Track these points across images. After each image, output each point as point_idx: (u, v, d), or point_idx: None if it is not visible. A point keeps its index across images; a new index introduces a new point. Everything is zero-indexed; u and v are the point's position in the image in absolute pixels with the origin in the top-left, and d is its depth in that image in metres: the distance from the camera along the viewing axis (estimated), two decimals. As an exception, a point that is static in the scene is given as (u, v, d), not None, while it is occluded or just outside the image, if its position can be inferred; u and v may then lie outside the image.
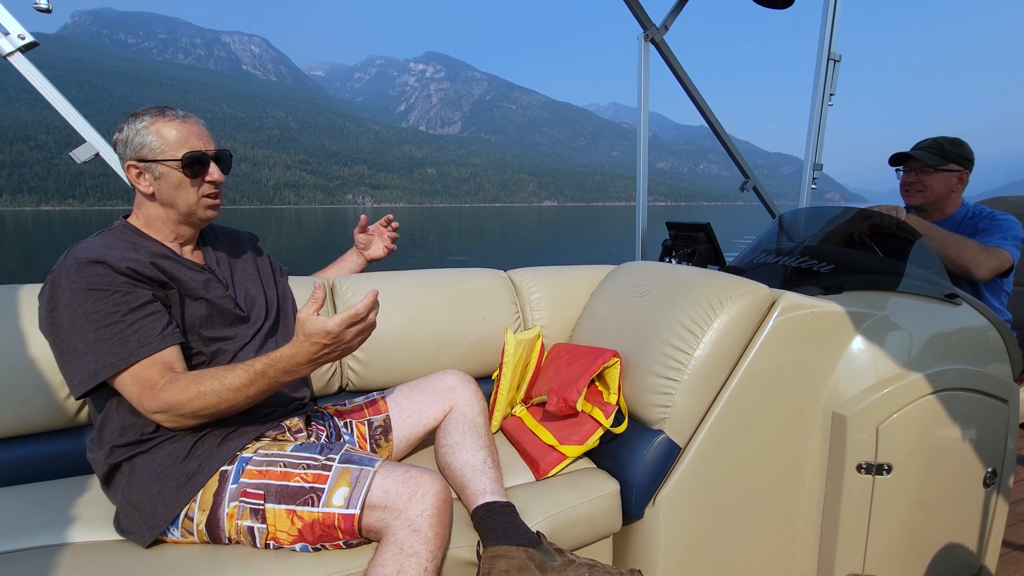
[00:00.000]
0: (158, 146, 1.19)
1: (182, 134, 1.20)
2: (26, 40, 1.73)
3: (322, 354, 1.03)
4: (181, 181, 1.21)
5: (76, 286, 1.07)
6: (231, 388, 1.05)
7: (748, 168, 3.15)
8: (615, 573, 1.15)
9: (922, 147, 2.14)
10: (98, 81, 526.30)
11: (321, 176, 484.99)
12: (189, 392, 1.05)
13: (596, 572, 1.14)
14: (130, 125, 1.20)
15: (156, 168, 1.19)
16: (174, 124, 1.20)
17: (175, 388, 1.05)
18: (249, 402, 1.09)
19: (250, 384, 1.06)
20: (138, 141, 1.18)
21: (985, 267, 1.90)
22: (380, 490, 1.06)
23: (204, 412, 1.07)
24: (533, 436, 1.54)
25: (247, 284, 1.40)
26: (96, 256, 1.09)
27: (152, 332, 1.10)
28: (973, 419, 1.47)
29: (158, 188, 1.21)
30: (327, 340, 1.00)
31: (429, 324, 1.77)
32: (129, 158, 1.20)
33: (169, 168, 1.20)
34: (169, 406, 1.06)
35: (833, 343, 1.42)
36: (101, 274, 1.08)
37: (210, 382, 1.06)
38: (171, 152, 1.19)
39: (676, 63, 2.92)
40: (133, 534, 1.11)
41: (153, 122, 1.19)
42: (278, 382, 1.07)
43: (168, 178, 1.21)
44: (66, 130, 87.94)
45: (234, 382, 1.05)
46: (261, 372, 1.05)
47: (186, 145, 1.20)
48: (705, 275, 1.51)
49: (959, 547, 1.55)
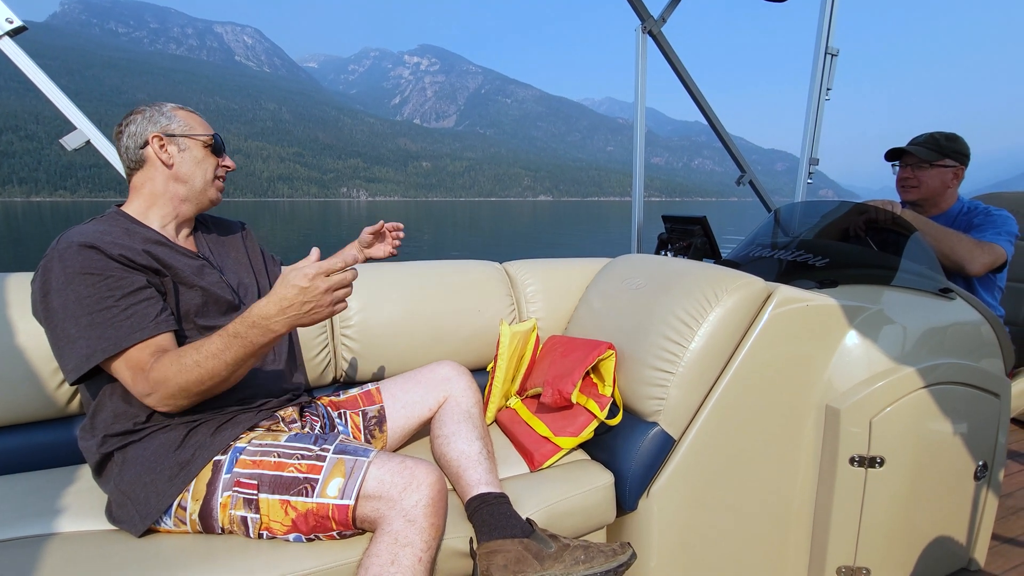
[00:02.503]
0: (186, 125, 1.28)
1: (204, 124, 1.32)
2: (14, 24, 1.70)
3: (292, 305, 0.98)
4: (204, 157, 1.29)
5: (69, 271, 1.05)
6: (209, 355, 1.02)
7: (744, 162, 3.15)
8: (607, 550, 1.18)
9: (918, 142, 2.14)
10: (88, 71, 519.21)
11: (315, 169, 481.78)
12: (173, 367, 1.03)
13: (591, 552, 1.16)
14: (152, 108, 1.27)
15: (183, 141, 1.26)
16: (195, 116, 1.32)
17: (159, 366, 1.04)
18: (232, 370, 1.05)
19: (226, 348, 1.02)
20: (164, 120, 1.26)
21: (979, 262, 1.91)
22: (375, 480, 1.05)
23: (191, 388, 1.04)
24: (528, 428, 1.54)
25: (240, 272, 1.39)
26: (89, 241, 1.08)
27: (146, 318, 1.08)
28: (965, 413, 1.48)
29: (180, 160, 1.26)
30: (303, 283, 0.96)
31: (424, 316, 1.76)
32: (154, 132, 1.24)
33: (196, 142, 1.28)
34: (156, 384, 1.04)
35: (828, 337, 1.43)
36: (94, 259, 1.07)
37: (190, 354, 1.04)
38: (199, 131, 1.29)
39: (674, 55, 2.91)
40: (125, 523, 1.10)
41: (177, 109, 1.30)
42: (253, 343, 1.02)
43: (192, 151, 1.27)
44: (56, 120, 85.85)
45: (211, 348, 1.03)
46: (234, 333, 1.01)
47: (209, 130, 1.32)
48: (701, 268, 1.51)
49: (950, 540, 1.56)
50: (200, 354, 1.03)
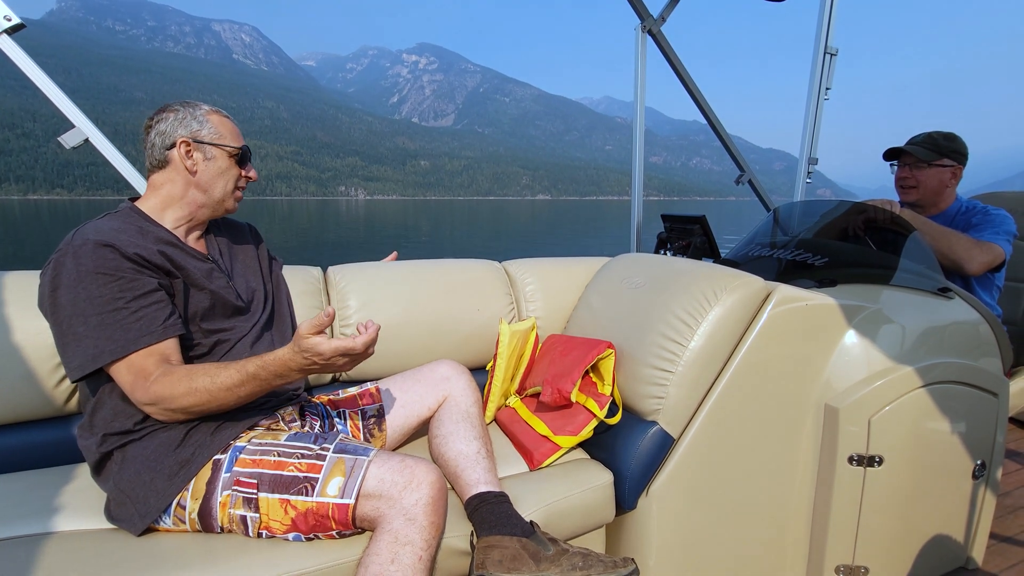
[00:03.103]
0: (216, 133, 1.26)
1: (234, 132, 1.31)
2: (12, 22, 1.69)
3: (312, 369, 1.05)
4: (228, 167, 1.28)
5: (83, 268, 1.05)
6: (222, 387, 1.06)
7: (744, 161, 3.15)
8: (608, 562, 1.16)
9: (916, 142, 2.15)
10: (85, 69, 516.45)
11: (313, 167, 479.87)
12: (181, 387, 1.05)
13: (589, 561, 1.15)
14: (186, 109, 1.25)
15: (210, 150, 1.25)
16: (227, 122, 1.30)
17: (167, 381, 1.05)
18: (239, 402, 1.10)
19: (241, 384, 1.06)
20: (195, 124, 1.25)
21: (977, 261, 1.91)
22: (375, 479, 1.05)
23: (193, 409, 1.07)
24: (527, 427, 1.54)
25: (247, 275, 1.40)
26: (105, 239, 1.08)
27: (155, 322, 1.09)
28: (963, 412, 1.49)
29: (203, 169, 1.25)
30: (318, 360, 1.02)
31: (423, 314, 1.76)
32: (182, 136, 1.23)
33: (222, 153, 1.27)
34: (160, 399, 1.05)
35: (827, 336, 1.43)
36: (109, 258, 1.07)
37: (202, 379, 1.06)
38: (229, 141, 1.28)
39: (673, 55, 2.91)
40: (124, 522, 1.10)
41: (211, 113, 1.28)
42: (269, 384, 1.08)
43: (218, 161, 1.27)
44: (54, 118, 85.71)
45: (226, 381, 1.06)
46: (253, 375, 1.06)
47: (238, 141, 1.31)
48: (700, 267, 1.51)
49: (948, 538, 1.56)
50: (214, 384, 1.05)
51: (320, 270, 1.77)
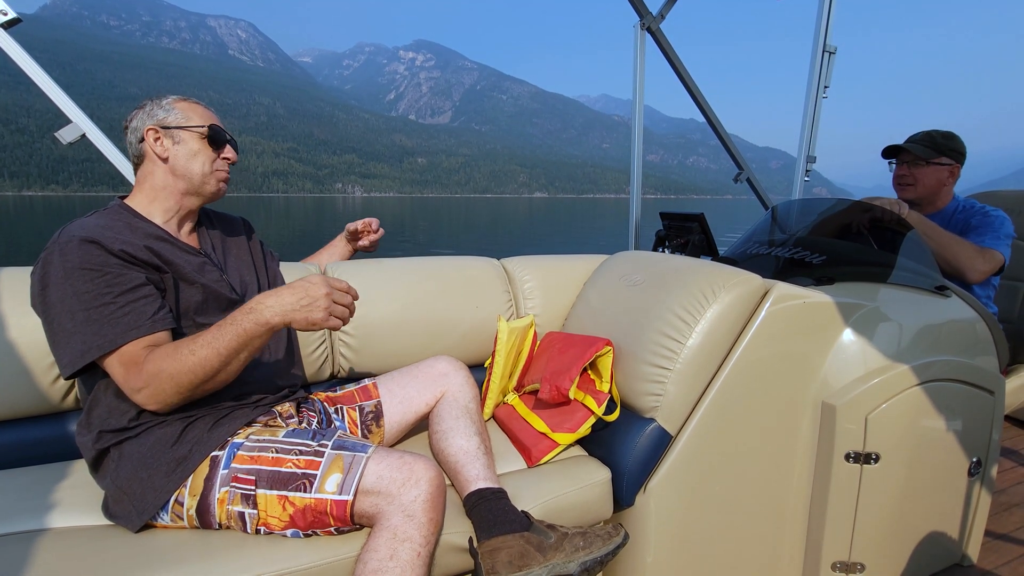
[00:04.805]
0: (183, 117, 1.26)
1: (206, 114, 1.30)
2: (9, 16, 1.68)
3: (291, 300, 1.04)
4: (199, 150, 1.27)
5: (68, 265, 1.05)
6: (202, 343, 1.04)
7: (742, 160, 3.16)
8: (603, 534, 1.21)
9: (915, 140, 2.15)
10: (80, 64, 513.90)
11: (310, 164, 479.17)
12: (167, 358, 1.04)
13: (588, 538, 1.19)
14: (152, 102, 1.27)
15: (177, 134, 1.25)
16: (198, 107, 1.30)
17: (154, 356, 1.04)
18: (224, 361, 1.05)
19: (219, 335, 1.04)
20: (161, 113, 1.25)
21: (980, 271, 1.92)
22: (374, 476, 1.05)
23: (183, 378, 1.04)
24: (525, 424, 1.54)
25: (241, 269, 1.39)
26: (90, 235, 1.07)
27: (143, 316, 1.08)
28: (960, 410, 1.49)
29: (174, 154, 1.25)
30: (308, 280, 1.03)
31: (421, 311, 1.76)
32: (149, 126, 1.23)
33: (191, 135, 1.26)
34: (151, 376, 1.03)
35: (824, 333, 1.43)
36: (94, 254, 1.06)
37: (185, 343, 1.05)
38: (196, 122, 1.27)
39: (672, 53, 2.91)
40: (122, 519, 1.09)
41: (178, 101, 1.28)
42: (246, 332, 1.04)
43: (187, 144, 1.26)
44: (48, 113, 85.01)
45: (205, 337, 1.05)
46: (229, 320, 1.05)
47: (207, 120, 1.29)
48: (698, 265, 1.51)
49: (943, 535, 1.57)
50: (195, 343, 1.04)
51: (317, 267, 1.76)
